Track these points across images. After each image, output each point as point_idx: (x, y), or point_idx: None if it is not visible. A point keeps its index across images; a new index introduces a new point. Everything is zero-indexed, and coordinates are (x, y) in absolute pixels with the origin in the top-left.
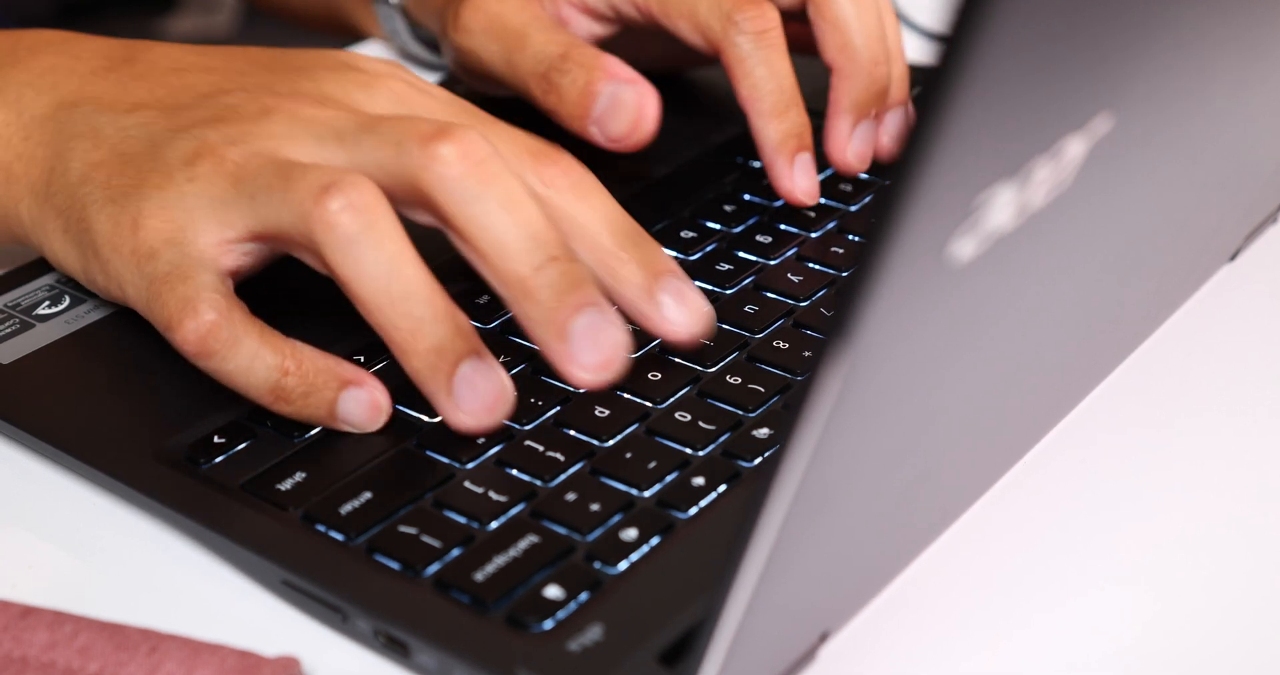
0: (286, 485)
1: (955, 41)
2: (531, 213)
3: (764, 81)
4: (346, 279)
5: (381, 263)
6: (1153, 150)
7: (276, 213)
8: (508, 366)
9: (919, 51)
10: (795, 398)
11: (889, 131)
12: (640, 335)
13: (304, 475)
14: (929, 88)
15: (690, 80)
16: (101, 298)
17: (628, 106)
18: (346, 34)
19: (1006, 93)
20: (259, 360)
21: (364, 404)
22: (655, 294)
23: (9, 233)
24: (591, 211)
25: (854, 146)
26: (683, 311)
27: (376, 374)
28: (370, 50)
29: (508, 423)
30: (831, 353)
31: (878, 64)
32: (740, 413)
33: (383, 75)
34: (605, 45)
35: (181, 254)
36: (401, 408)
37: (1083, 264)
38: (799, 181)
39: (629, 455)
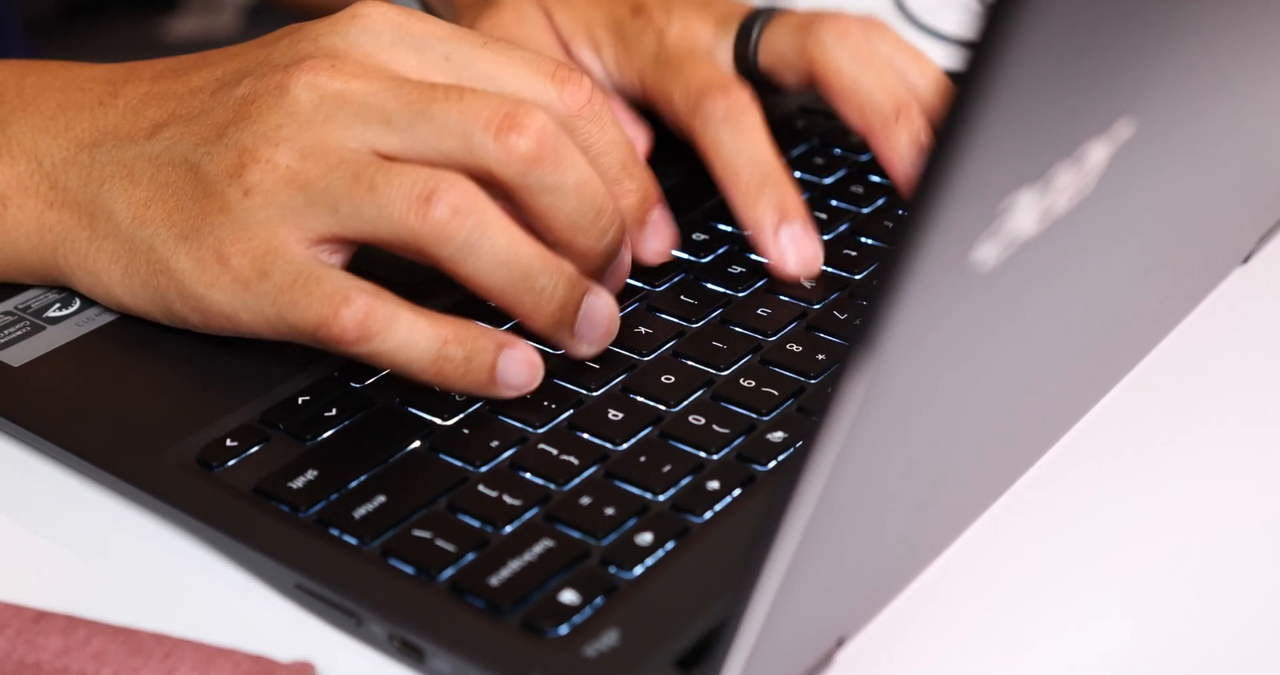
0: (299, 488)
1: (981, 48)
2: (597, 187)
3: (733, 159)
4: (467, 276)
5: (500, 255)
6: (1172, 154)
7: (371, 224)
8: None
9: (941, 57)
10: (818, 404)
11: None
12: (649, 337)
13: (317, 478)
14: (954, 94)
15: None
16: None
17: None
18: None
19: (1031, 98)
20: (418, 333)
21: (522, 363)
22: (644, 219)
23: (50, 279)
24: (603, 137)
25: None
26: (659, 239)
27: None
28: None
29: (520, 426)
30: (856, 359)
31: (904, 110)
32: (754, 416)
33: (366, 7)
34: None
35: (289, 262)
36: (413, 410)
37: (1101, 268)
38: (786, 255)
39: (643, 459)
